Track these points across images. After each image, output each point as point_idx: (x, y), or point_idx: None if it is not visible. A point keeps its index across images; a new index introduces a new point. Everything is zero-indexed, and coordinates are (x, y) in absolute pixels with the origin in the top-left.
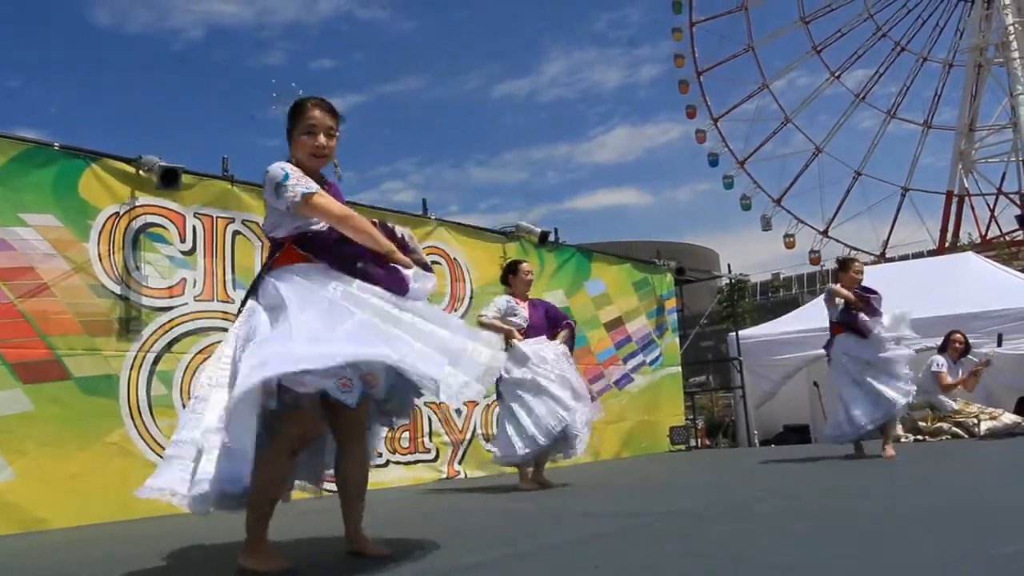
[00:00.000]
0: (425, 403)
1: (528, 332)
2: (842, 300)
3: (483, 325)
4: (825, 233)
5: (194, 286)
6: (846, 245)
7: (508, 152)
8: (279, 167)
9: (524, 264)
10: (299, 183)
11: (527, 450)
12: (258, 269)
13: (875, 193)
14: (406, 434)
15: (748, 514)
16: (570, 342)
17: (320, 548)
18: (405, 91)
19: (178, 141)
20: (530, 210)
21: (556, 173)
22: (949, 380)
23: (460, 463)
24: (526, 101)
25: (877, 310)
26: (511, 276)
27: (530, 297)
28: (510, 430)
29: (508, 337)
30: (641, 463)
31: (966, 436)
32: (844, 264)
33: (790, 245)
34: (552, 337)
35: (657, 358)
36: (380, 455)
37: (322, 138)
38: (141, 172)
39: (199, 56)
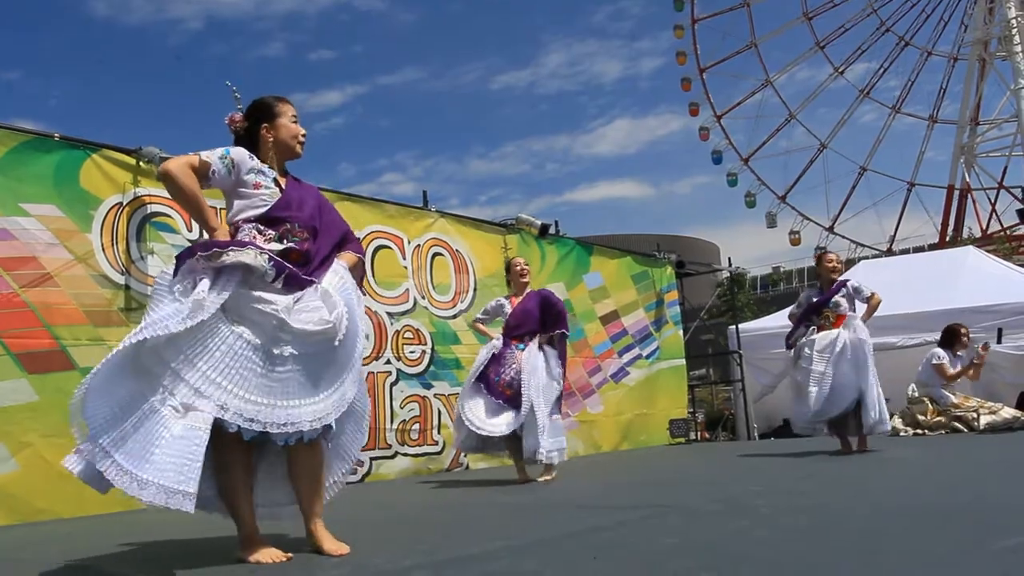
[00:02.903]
0: (435, 395)
1: (509, 327)
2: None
3: (473, 327)
4: (831, 229)
5: None
6: (852, 241)
7: (508, 144)
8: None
9: (515, 261)
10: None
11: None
12: None
13: (880, 188)
14: (416, 426)
15: (747, 508)
16: (561, 344)
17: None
18: (404, 83)
19: (177, 132)
20: (530, 202)
21: (556, 165)
22: (951, 371)
23: (465, 455)
24: (526, 93)
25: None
26: (507, 274)
27: (529, 290)
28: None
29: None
30: (640, 456)
31: (966, 430)
32: (819, 258)
33: (795, 242)
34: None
35: (655, 351)
36: (361, 464)
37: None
38: (141, 163)
39: (198, 48)
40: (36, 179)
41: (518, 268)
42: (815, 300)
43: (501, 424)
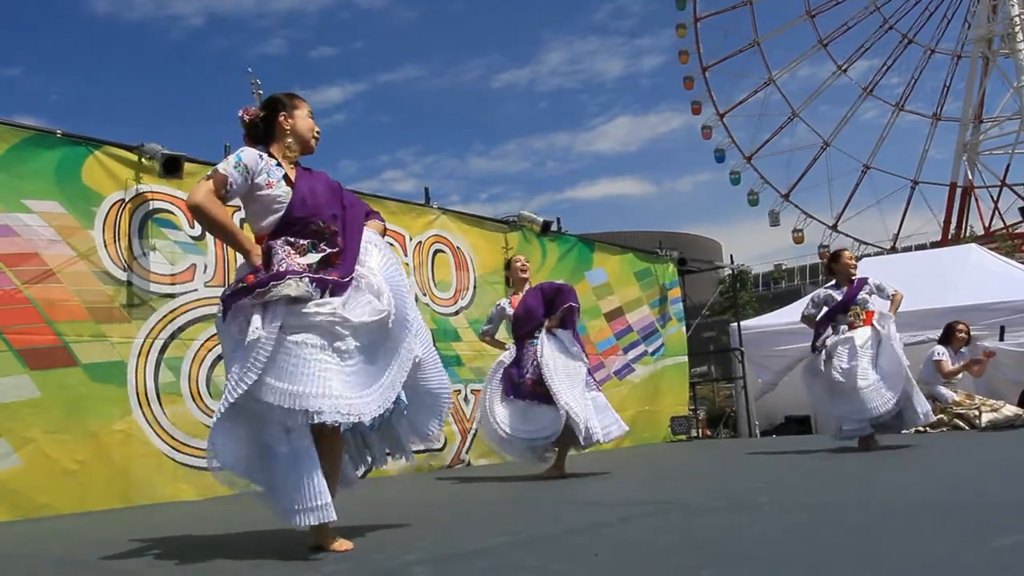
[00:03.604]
0: None
1: (516, 327)
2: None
3: (484, 342)
4: (834, 227)
5: (205, 271)
6: (855, 239)
7: (509, 142)
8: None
9: (515, 259)
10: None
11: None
12: None
13: (884, 186)
14: None
15: (748, 505)
16: (570, 320)
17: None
18: (405, 80)
19: (179, 129)
20: (531, 199)
21: (557, 163)
22: (951, 367)
23: (467, 452)
24: (527, 90)
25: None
26: (507, 272)
27: (529, 287)
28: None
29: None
30: (642, 453)
31: (967, 428)
32: (836, 255)
33: (799, 240)
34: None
35: (660, 348)
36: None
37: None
38: (144, 160)
39: (199, 44)
40: (38, 176)
41: (518, 264)
42: (841, 299)
43: (546, 425)
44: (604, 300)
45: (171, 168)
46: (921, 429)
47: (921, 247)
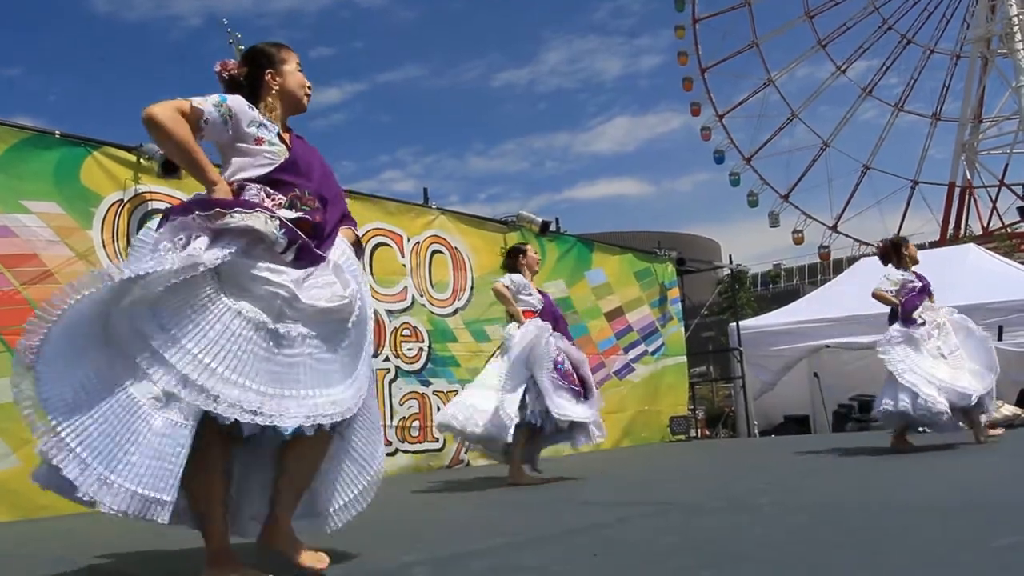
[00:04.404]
0: (434, 392)
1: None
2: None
3: (499, 295)
4: (834, 228)
5: None
6: (856, 239)
7: (508, 141)
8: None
9: (528, 247)
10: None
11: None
12: None
13: (883, 186)
14: (416, 423)
15: (747, 505)
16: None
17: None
18: (405, 79)
19: None
20: (530, 199)
21: (556, 163)
22: None
23: (466, 452)
24: (526, 91)
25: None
26: (520, 257)
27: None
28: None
29: (516, 318)
30: (641, 453)
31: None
32: (905, 242)
33: (799, 241)
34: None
35: (660, 347)
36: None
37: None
38: (142, 160)
39: (198, 44)
40: (37, 176)
41: (535, 256)
42: (923, 283)
43: (586, 412)
44: (604, 300)
45: (169, 168)
46: (921, 430)
47: (920, 247)
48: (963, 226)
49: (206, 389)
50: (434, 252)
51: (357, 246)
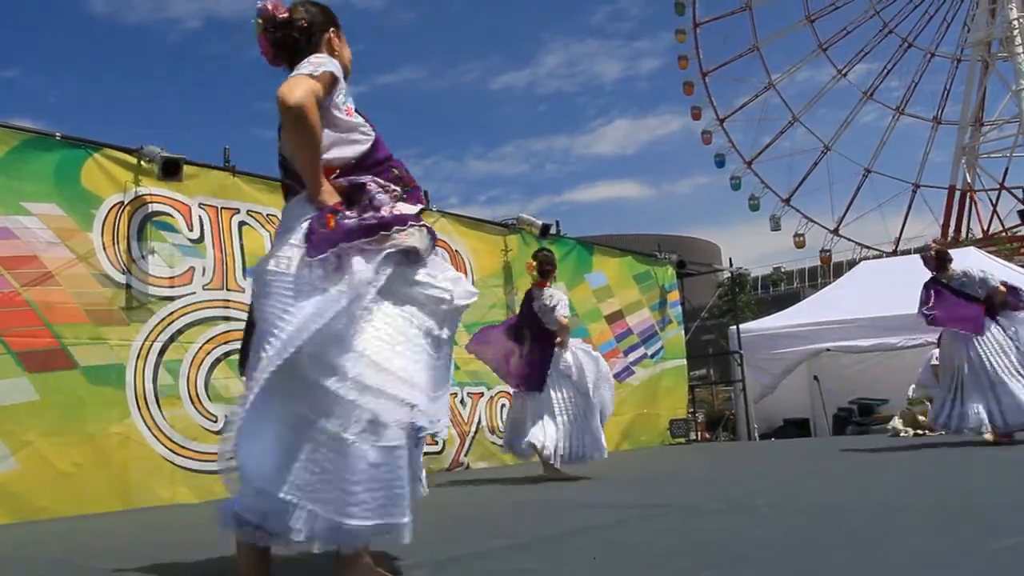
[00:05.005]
0: None
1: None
2: None
3: (566, 329)
4: (836, 231)
5: (203, 274)
6: (857, 243)
7: (507, 144)
8: None
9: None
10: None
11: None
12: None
13: (884, 190)
14: None
15: (746, 508)
16: None
17: None
18: (404, 81)
19: (177, 132)
20: (530, 202)
21: (555, 165)
22: None
23: (466, 455)
24: (525, 93)
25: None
26: (554, 270)
27: None
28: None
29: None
30: (640, 456)
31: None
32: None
33: (800, 244)
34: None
35: (659, 351)
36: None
37: None
38: (143, 162)
39: (197, 47)
40: (37, 178)
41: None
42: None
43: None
44: (604, 303)
45: (170, 171)
46: (920, 432)
47: (921, 250)
48: (964, 229)
49: (412, 404)
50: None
51: None
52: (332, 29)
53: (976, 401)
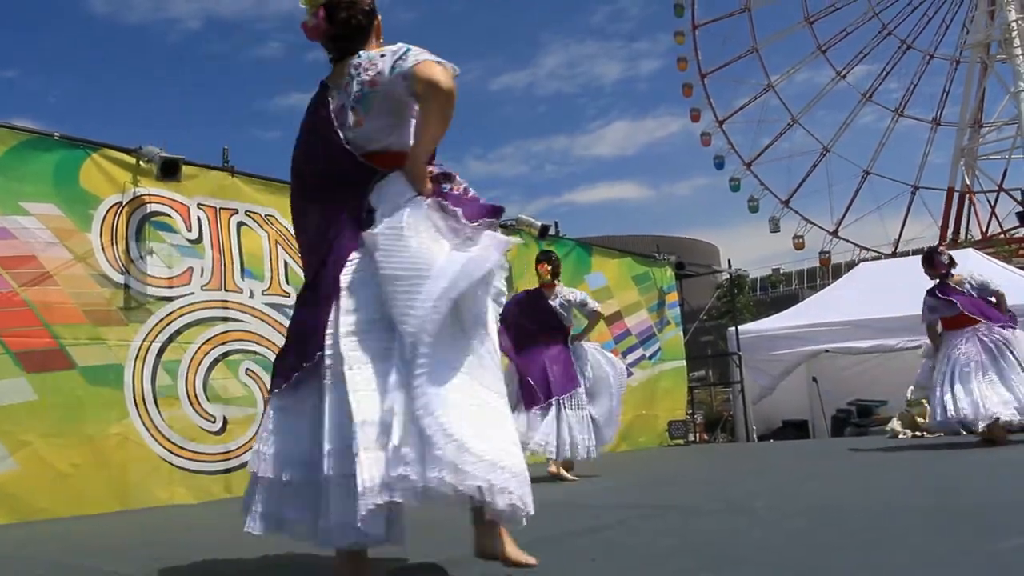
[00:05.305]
0: None
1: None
2: None
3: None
4: (835, 233)
5: (201, 274)
6: (857, 245)
7: (507, 145)
8: None
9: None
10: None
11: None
12: (267, 258)
13: (884, 191)
14: None
15: (746, 509)
16: None
17: None
18: None
19: (177, 132)
20: (529, 203)
21: (555, 166)
22: None
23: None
24: (525, 94)
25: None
26: (552, 265)
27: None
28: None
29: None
30: (639, 457)
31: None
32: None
33: (799, 246)
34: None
35: (657, 352)
36: None
37: None
38: (141, 163)
39: (197, 47)
40: (36, 178)
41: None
42: None
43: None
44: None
45: (169, 171)
46: (919, 434)
47: (920, 252)
48: (963, 231)
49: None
50: None
51: None
52: (379, 17)
53: (968, 394)
